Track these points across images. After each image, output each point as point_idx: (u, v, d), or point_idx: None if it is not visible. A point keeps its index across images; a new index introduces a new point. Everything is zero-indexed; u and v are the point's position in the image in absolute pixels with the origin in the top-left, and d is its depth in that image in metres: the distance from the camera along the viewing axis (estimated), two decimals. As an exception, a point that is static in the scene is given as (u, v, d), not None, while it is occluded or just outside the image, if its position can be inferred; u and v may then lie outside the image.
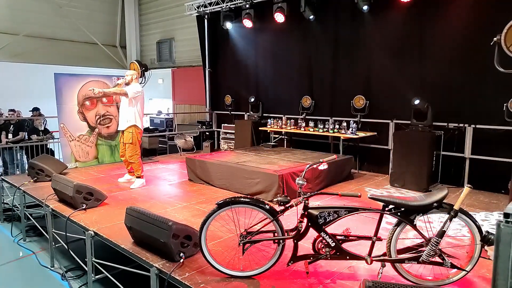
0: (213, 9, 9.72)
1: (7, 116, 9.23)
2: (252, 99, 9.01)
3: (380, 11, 6.96)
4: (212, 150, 9.56)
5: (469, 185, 2.69)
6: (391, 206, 2.87)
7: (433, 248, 2.75)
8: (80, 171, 7.13)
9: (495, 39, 3.92)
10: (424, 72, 6.53)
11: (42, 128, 8.91)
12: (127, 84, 6.11)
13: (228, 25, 9.48)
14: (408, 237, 2.98)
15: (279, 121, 8.22)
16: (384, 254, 2.91)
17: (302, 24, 8.13)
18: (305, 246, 3.12)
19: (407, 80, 6.72)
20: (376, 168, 7.35)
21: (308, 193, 2.98)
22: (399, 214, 2.84)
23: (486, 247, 2.11)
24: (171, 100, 13.67)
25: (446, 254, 2.82)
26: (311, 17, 7.76)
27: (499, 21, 4.73)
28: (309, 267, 3.04)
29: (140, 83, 8.22)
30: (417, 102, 5.96)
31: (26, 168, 7.11)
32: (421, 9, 6.45)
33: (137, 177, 6.08)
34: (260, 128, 8.64)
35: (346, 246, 2.98)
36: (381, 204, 2.89)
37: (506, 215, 1.40)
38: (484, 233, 2.59)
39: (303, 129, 7.65)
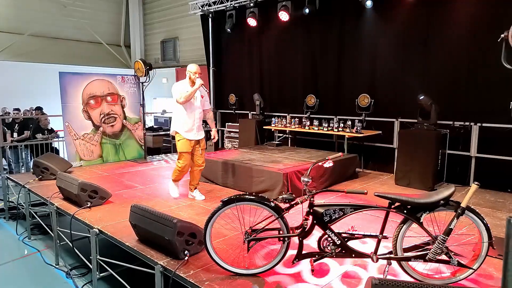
0: (217, 8, 9.70)
1: (14, 114, 9.27)
2: (258, 100, 9.00)
3: (384, 9, 6.92)
4: (216, 149, 9.54)
5: (476, 183, 2.66)
6: (397, 204, 2.85)
7: (440, 246, 2.73)
8: (85, 170, 7.15)
9: (502, 35, 3.87)
10: (430, 70, 6.48)
11: (48, 128, 8.95)
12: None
13: (232, 24, 9.46)
14: (414, 235, 2.95)
15: (283, 120, 8.19)
16: (390, 252, 2.88)
17: (306, 23, 8.10)
18: (310, 244, 3.10)
19: (412, 79, 6.66)
20: (381, 167, 7.31)
21: (314, 191, 2.96)
22: (405, 211, 2.82)
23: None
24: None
25: (452, 252, 2.79)
26: (306, 10, 7.74)
27: (506, 18, 4.68)
28: (314, 265, 3.02)
29: (143, 82, 8.26)
30: (422, 97, 5.94)
31: (31, 166, 7.14)
32: (426, 6, 6.40)
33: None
34: (264, 127, 8.62)
35: (351, 244, 2.96)
36: (387, 201, 2.86)
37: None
38: None
39: (308, 128, 7.63)
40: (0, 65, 11.91)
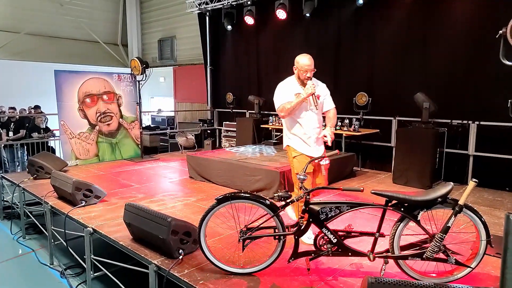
0: (215, 6, 9.66)
1: (9, 112, 9.22)
2: (253, 100, 8.95)
3: (382, 7, 6.89)
4: (213, 148, 9.51)
5: (474, 180, 2.62)
6: (394, 202, 2.81)
7: (437, 244, 2.69)
8: (81, 169, 7.10)
9: (501, 31, 3.84)
10: (428, 68, 6.45)
11: (44, 126, 8.90)
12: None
13: (230, 22, 9.42)
14: (412, 233, 2.91)
15: (281, 119, 8.14)
16: (387, 251, 2.85)
17: (304, 21, 8.06)
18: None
19: (410, 77, 6.64)
20: (379, 165, 7.27)
21: (310, 188, 2.92)
22: (402, 209, 2.78)
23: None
24: (173, 98, 13.63)
25: (450, 251, 2.76)
26: (307, 14, 7.74)
27: (503, 15, 4.64)
28: (310, 263, 2.98)
29: (140, 81, 8.20)
30: (416, 94, 5.96)
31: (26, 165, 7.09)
32: (424, 4, 6.37)
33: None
34: (261, 126, 8.58)
35: (348, 242, 2.92)
36: (384, 199, 2.82)
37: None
38: None
39: (305, 126, 7.57)
40: (-4, 64, 11.86)
